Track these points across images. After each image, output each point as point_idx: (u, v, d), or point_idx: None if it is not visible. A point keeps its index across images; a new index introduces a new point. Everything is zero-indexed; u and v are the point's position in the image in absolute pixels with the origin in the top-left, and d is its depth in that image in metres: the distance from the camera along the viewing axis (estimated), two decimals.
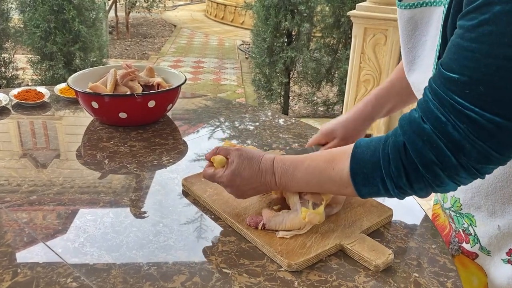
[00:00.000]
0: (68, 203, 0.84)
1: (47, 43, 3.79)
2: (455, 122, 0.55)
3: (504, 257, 0.76)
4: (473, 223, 0.79)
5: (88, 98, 1.13)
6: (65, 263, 0.68)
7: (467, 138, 0.54)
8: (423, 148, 0.57)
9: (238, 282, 0.65)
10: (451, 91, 0.55)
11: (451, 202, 0.83)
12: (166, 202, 0.85)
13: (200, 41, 7.87)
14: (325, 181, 0.69)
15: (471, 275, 0.79)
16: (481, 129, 0.53)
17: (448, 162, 0.56)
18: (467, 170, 0.57)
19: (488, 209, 0.76)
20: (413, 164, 0.59)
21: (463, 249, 0.81)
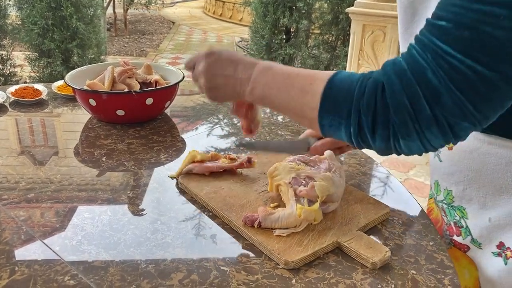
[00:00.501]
0: (65, 201, 0.84)
1: (45, 40, 3.78)
2: (435, 68, 0.52)
3: (494, 250, 0.76)
4: (464, 216, 0.80)
5: (85, 96, 1.13)
6: (62, 261, 0.68)
7: (446, 85, 0.52)
8: (400, 92, 0.54)
9: (236, 279, 0.65)
10: (436, 37, 0.53)
11: (443, 194, 0.83)
12: (164, 199, 0.85)
13: (198, 38, 7.86)
14: (295, 89, 0.63)
15: (463, 268, 0.80)
16: (461, 76, 0.51)
17: (421, 111, 0.54)
18: (439, 124, 0.54)
19: (480, 201, 0.76)
20: (385, 106, 0.55)
21: (454, 242, 0.82)
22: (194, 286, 0.64)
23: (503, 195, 0.73)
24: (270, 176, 0.81)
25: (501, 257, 0.75)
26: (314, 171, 0.80)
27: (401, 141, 0.56)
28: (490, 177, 0.74)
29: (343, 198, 0.83)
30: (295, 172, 0.79)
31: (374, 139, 0.58)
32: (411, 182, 2.84)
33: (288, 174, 0.79)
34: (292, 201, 0.75)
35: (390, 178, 0.98)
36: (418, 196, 2.63)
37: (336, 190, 0.78)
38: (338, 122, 0.59)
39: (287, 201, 0.76)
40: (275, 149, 0.99)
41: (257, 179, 0.89)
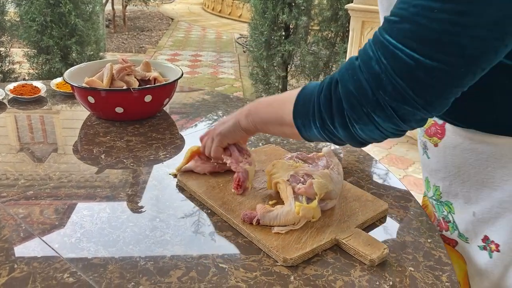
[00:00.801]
0: (64, 198, 0.84)
1: (44, 37, 3.77)
2: (379, 57, 0.57)
3: (480, 244, 0.78)
4: (451, 211, 0.82)
5: (84, 93, 1.12)
6: (61, 258, 0.68)
7: (386, 72, 0.56)
8: (348, 80, 0.60)
9: (234, 276, 0.66)
10: (385, 30, 0.58)
11: (433, 191, 0.85)
12: (163, 197, 0.85)
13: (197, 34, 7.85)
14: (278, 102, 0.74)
15: (454, 264, 0.81)
16: (401, 64, 0.55)
17: (365, 95, 0.58)
18: (383, 108, 0.58)
19: (464, 196, 0.78)
20: (338, 96, 0.61)
21: (443, 237, 0.83)
22: (193, 283, 0.64)
23: (485, 189, 0.75)
24: (269, 174, 0.81)
25: (486, 250, 0.77)
26: (312, 168, 0.80)
27: (357, 127, 0.62)
28: (472, 172, 0.76)
29: (341, 195, 0.83)
30: (293, 169, 0.79)
31: (336, 129, 0.64)
32: (410, 178, 2.85)
33: (286, 171, 0.79)
34: (291, 198, 0.75)
35: (389, 175, 0.98)
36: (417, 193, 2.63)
37: (334, 187, 0.78)
38: (308, 120, 0.66)
39: (285, 199, 0.76)
40: None
41: (256, 177, 0.89)
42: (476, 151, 0.74)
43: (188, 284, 0.64)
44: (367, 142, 0.65)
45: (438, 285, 0.66)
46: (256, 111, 0.78)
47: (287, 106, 0.69)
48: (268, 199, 0.82)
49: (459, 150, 0.77)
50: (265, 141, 1.11)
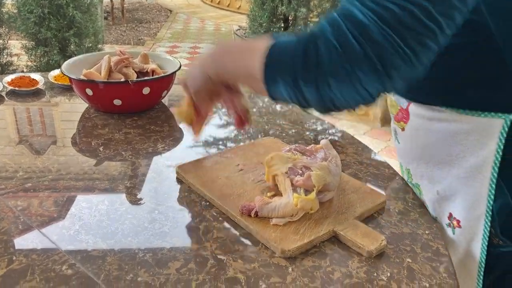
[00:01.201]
0: (63, 191, 0.84)
1: (41, 29, 3.75)
2: (362, 8, 0.54)
3: (446, 222, 0.81)
4: (420, 192, 0.85)
5: (82, 85, 1.12)
6: (60, 251, 0.68)
7: (372, 21, 0.53)
8: (330, 35, 0.55)
9: (232, 268, 0.66)
10: None
11: (406, 174, 0.88)
12: (161, 189, 0.85)
13: (196, 26, 7.81)
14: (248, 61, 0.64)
15: None
16: (387, 12, 0.52)
17: (351, 49, 0.54)
18: (370, 61, 0.53)
19: (429, 176, 0.82)
20: (317, 53, 0.56)
21: None
22: (191, 274, 0.64)
23: (445, 167, 0.78)
24: (267, 166, 0.81)
25: (450, 227, 0.80)
26: (310, 160, 0.80)
27: (334, 85, 0.56)
28: (433, 152, 0.79)
29: (339, 187, 0.83)
30: (292, 162, 0.79)
31: (308, 87, 0.58)
32: None
33: (284, 164, 0.79)
34: (289, 190, 0.75)
35: (387, 167, 0.98)
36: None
37: (333, 179, 0.78)
38: (278, 76, 0.60)
39: (284, 191, 0.77)
40: None
41: (254, 169, 0.89)
42: (436, 131, 0.76)
43: (187, 276, 0.64)
44: (336, 107, 0.59)
45: (435, 276, 0.66)
46: (222, 59, 0.71)
47: (257, 57, 0.62)
48: (267, 191, 0.82)
49: (421, 132, 0.79)
50: (264, 134, 1.11)
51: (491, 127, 0.70)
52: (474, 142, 0.72)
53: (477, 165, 0.73)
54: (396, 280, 0.65)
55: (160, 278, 0.63)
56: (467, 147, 0.73)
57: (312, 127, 1.18)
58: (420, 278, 0.66)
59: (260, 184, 0.84)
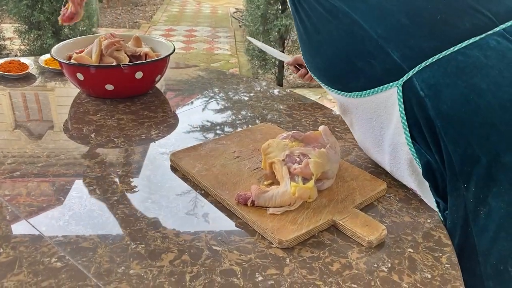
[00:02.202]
0: (53, 179, 0.81)
1: (34, 12, 3.67)
2: None
3: None
4: None
5: (72, 70, 1.08)
6: (49, 242, 0.66)
7: None
8: None
9: (228, 259, 0.64)
10: None
11: None
12: (155, 177, 0.82)
13: (192, 9, 7.69)
14: None
15: None
16: None
17: None
18: None
19: None
20: None
21: None
22: (185, 266, 0.62)
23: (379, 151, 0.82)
24: (264, 153, 0.78)
25: None
26: (308, 147, 0.77)
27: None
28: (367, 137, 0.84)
29: (338, 174, 0.81)
30: (289, 149, 0.77)
31: None
32: None
33: (282, 151, 0.76)
34: (287, 179, 0.72)
35: None
36: None
37: (331, 167, 0.76)
38: None
39: (281, 179, 0.74)
40: None
41: (251, 156, 0.86)
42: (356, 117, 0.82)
43: (181, 268, 0.62)
44: None
45: (437, 266, 0.64)
46: None
47: None
48: (264, 179, 0.79)
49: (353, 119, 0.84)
50: (261, 119, 1.08)
51: (390, 98, 0.72)
52: (385, 116, 0.75)
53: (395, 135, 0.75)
54: (397, 271, 0.63)
55: (153, 271, 0.61)
56: (382, 123, 0.76)
57: (310, 112, 1.15)
58: (422, 269, 0.64)
59: (256, 172, 0.81)
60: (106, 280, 0.59)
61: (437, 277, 0.62)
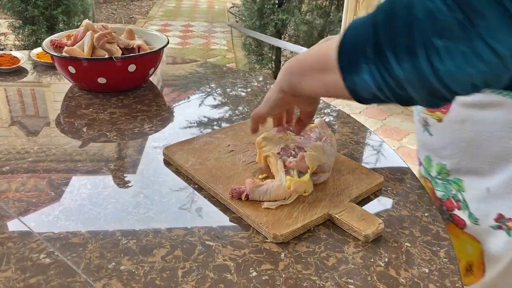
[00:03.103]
0: (43, 174, 0.79)
1: (28, 7, 3.64)
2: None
3: (492, 224, 0.73)
4: (461, 188, 0.76)
5: (64, 63, 1.06)
6: (38, 238, 0.64)
7: None
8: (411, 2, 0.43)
9: (222, 254, 0.62)
10: None
11: (436, 170, 0.79)
12: (147, 172, 0.81)
13: (189, 4, 7.65)
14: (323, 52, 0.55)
15: (465, 243, 0.77)
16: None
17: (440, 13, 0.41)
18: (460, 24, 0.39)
19: (477, 171, 0.73)
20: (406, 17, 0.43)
21: (454, 217, 0.78)
22: (178, 262, 0.61)
23: (500, 162, 0.70)
24: (258, 147, 0.77)
25: (503, 229, 0.72)
26: (304, 141, 0.76)
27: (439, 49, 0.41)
28: (484, 145, 0.70)
29: (335, 168, 0.79)
30: (284, 142, 0.75)
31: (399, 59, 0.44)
32: (404, 149, 2.82)
33: (276, 144, 0.75)
34: (282, 172, 0.71)
35: (384, 147, 0.94)
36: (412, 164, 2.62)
37: (327, 160, 0.74)
38: (357, 54, 0.48)
39: (276, 173, 0.72)
40: None
41: (245, 150, 0.84)
42: (488, 121, 0.68)
43: (173, 264, 0.60)
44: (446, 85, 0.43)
45: (435, 261, 0.63)
46: (297, 60, 0.62)
47: (333, 46, 0.52)
48: (258, 173, 0.77)
49: (469, 124, 0.71)
50: None
51: None
52: None
53: None
54: (394, 266, 0.62)
55: (144, 267, 0.60)
56: None
57: None
58: (419, 263, 0.62)
59: (251, 166, 0.80)
60: (96, 276, 0.58)
61: (435, 272, 0.61)
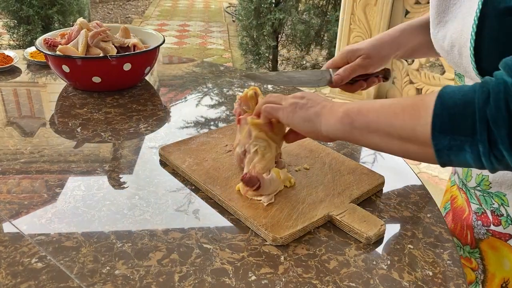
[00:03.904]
0: (35, 175, 0.77)
1: (23, 6, 3.61)
2: None
3: None
4: (505, 203, 0.70)
5: (58, 62, 1.04)
6: (30, 242, 0.62)
7: None
8: None
9: (219, 258, 0.60)
10: None
11: (476, 180, 0.74)
12: (143, 173, 0.79)
13: (185, 3, 7.63)
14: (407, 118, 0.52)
15: (502, 258, 0.73)
16: None
17: None
18: None
19: None
20: None
21: (493, 232, 0.73)
22: (174, 266, 0.59)
23: None
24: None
25: None
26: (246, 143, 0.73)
27: None
28: None
29: (334, 168, 0.78)
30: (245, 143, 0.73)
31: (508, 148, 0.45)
32: None
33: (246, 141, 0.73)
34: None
35: None
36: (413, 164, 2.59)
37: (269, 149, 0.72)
38: (460, 141, 0.48)
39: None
40: (289, 81, 0.82)
41: None
42: None
43: (169, 268, 0.58)
44: None
45: (439, 263, 0.61)
46: (360, 113, 0.58)
47: (420, 114, 0.50)
48: None
49: None
50: None
51: None
52: None
53: None
54: (397, 269, 0.60)
55: (139, 271, 0.58)
56: None
57: None
58: (422, 266, 0.61)
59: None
60: (89, 281, 0.56)
61: (438, 275, 0.60)
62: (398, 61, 3.37)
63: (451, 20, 0.63)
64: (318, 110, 0.62)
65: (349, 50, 0.81)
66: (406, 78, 3.32)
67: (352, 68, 0.79)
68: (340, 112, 0.60)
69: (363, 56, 0.80)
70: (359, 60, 0.80)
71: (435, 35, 0.66)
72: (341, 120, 0.59)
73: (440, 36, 0.65)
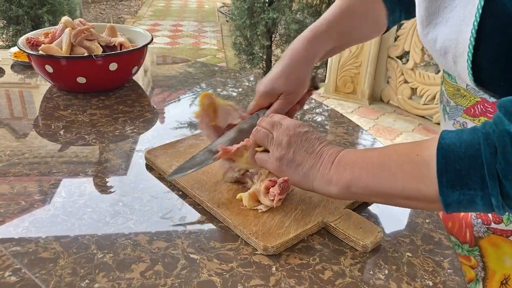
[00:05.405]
0: (13, 181, 0.73)
1: (12, 6, 3.55)
2: None
3: None
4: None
5: (41, 61, 1.00)
6: (4, 253, 0.58)
7: None
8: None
9: (207, 269, 0.57)
10: None
11: None
12: (128, 178, 0.75)
13: (178, 3, 7.58)
14: (401, 168, 0.52)
15: (503, 255, 0.71)
16: None
17: None
18: None
19: None
20: None
21: (494, 230, 0.71)
22: (158, 278, 0.55)
23: None
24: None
25: None
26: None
27: None
28: None
29: None
30: None
31: None
32: None
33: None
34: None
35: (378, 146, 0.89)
36: None
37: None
38: (470, 196, 0.47)
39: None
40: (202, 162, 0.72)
41: None
42: None
43: (153, 280, 0.55)
44: None
45: (439, 272, 0.58)
46: (360, 178, 0.56)
47: (422, 173, 0.50)
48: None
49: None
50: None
51: None
52: None
53: None
54: (395, 279, 0.57)
55: (121, 284, 0.54)
56: None
57: None
58: (422, 275, 0.57)
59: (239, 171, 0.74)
60: None
61: (439, 285, 0.56)
62: (393, 60, 3.35)
63: (442, 23, 0.60)
64: (306, 171, 0.60)
65: (266, 92, 0.76)
66: (401, 77, 3.30)
67: (281, 109, 0.75)
68: (333, 180, 0.58)
69: (283, 95, 0.76)
70: (282, 100, 0.76)
71: (425, 36, 0.63)
72: (336, 188, 0.58)
73: (430, 38, 0.62)
